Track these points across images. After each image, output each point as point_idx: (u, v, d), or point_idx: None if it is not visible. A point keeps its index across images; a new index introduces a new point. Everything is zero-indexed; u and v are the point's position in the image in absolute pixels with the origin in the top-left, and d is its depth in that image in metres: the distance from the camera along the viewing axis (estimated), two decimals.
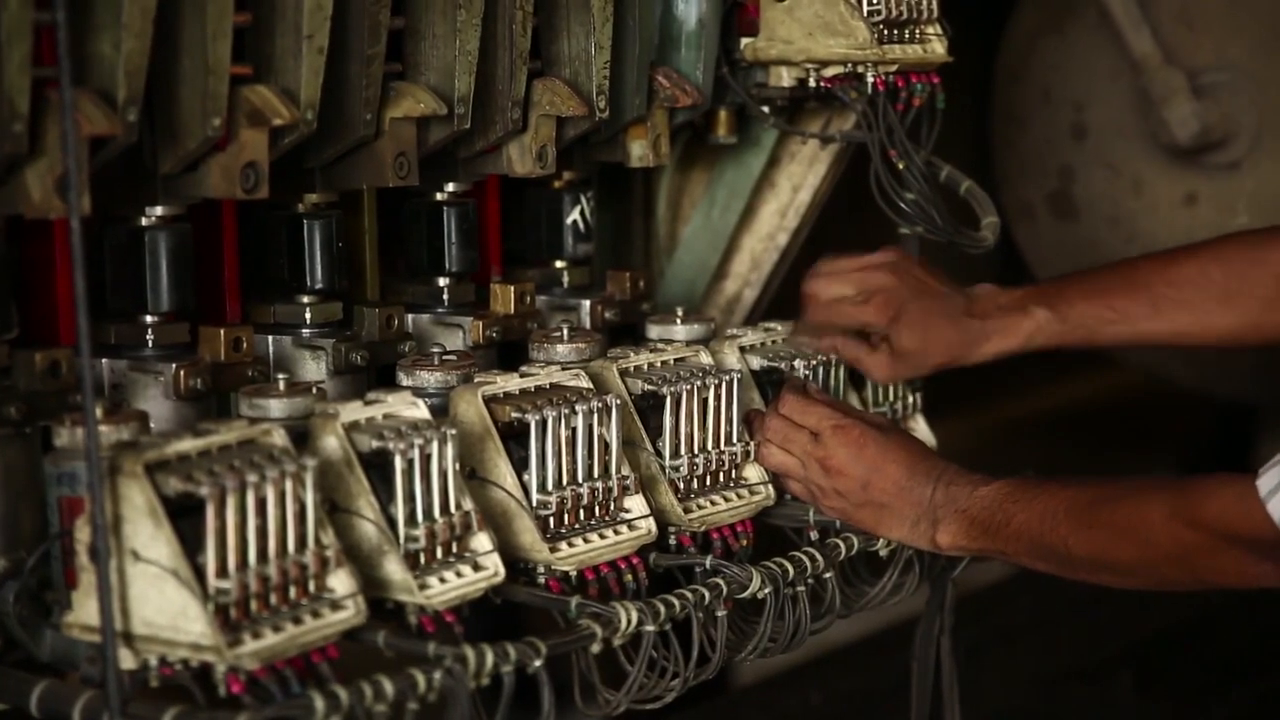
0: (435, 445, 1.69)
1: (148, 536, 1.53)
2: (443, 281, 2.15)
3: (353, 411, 1.71)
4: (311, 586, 1.60)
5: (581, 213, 2.32)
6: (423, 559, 1.68)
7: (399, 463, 1.67)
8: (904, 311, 2.20)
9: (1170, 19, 3.26)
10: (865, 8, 2.23)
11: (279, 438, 1.63)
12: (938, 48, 2.31)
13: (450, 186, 2.13)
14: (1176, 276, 2.20)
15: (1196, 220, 3.27)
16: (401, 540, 1.67)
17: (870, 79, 2.26)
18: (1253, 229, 2.22)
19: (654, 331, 2.17)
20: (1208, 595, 1.92)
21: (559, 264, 2.32)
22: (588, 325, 2.26)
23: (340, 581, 1.61)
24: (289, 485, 1.58)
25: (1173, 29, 3.25)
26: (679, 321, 2.17)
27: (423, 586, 1.67)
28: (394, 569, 1.66)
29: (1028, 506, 1.94)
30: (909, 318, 2.20)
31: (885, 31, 2.24)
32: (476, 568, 1.73)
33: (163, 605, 1.53)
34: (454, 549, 1.71)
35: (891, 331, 2.20)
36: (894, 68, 2.27)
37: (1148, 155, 3.31)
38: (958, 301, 2.23)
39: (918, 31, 2.30)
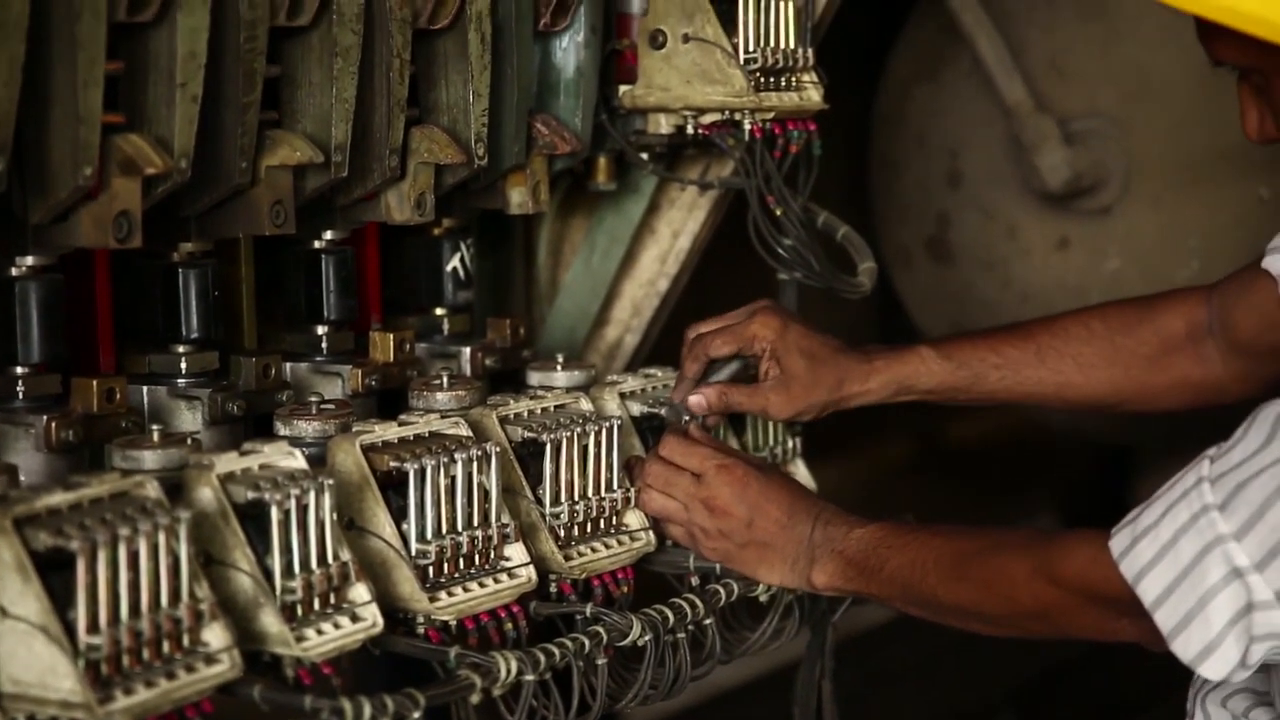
0: (312, 496, 1.68)
1: (16, 592, 1.50)
2: (321, 330, 2.13)
3: (228, 462, 1.69)
4: (185, 640, 1.57)
5: (461, 260, 2.32)
6: (300, 611, 1.67)
7: (275, 514, 1.65)
8: (789, 332, 2.18)
9: (1041, 67, 3.32)
10: (742, 56, 2.25)
11: (152, 490, 1.61)
12: (814, 95, 2.34)
13: (328, 234, 2.12)
14: (1060, 328, 2.23)
15: (1069, 264, 3.33)
16: (278, 592, 1.65)
17: (747, 126, 2.28)
18: (1138, 296, 2.25)
19: (534, 378, 2.17)
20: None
21: (439, 311, 2.31)
22: (468, 372, 2.25)
23: (215, 635, 1.59)
24: (162, 538, 1.55)
25: (1044, 77, 3.31)
26: (559, 368, 2.17)
27: (299, 639, 1.65)
28: (270, 621, 1.64)
29: (900, 552, 1.96)
30: (795, 340, 2.18)
31: (762, 79, 2.27)
32: (355, 619, 1.71)
33: (31, 662, 1.50)
34: (332, 600, 1.70)
35: (779, 350, 2.18)
36: (771, 115, 2.29)
37: (1021, 201, 3.37)
38: (840, 342, 2.24)
39: (794, 79, 2.32)
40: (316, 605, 1.68)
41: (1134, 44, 3.28)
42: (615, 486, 2.04)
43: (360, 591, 1.72)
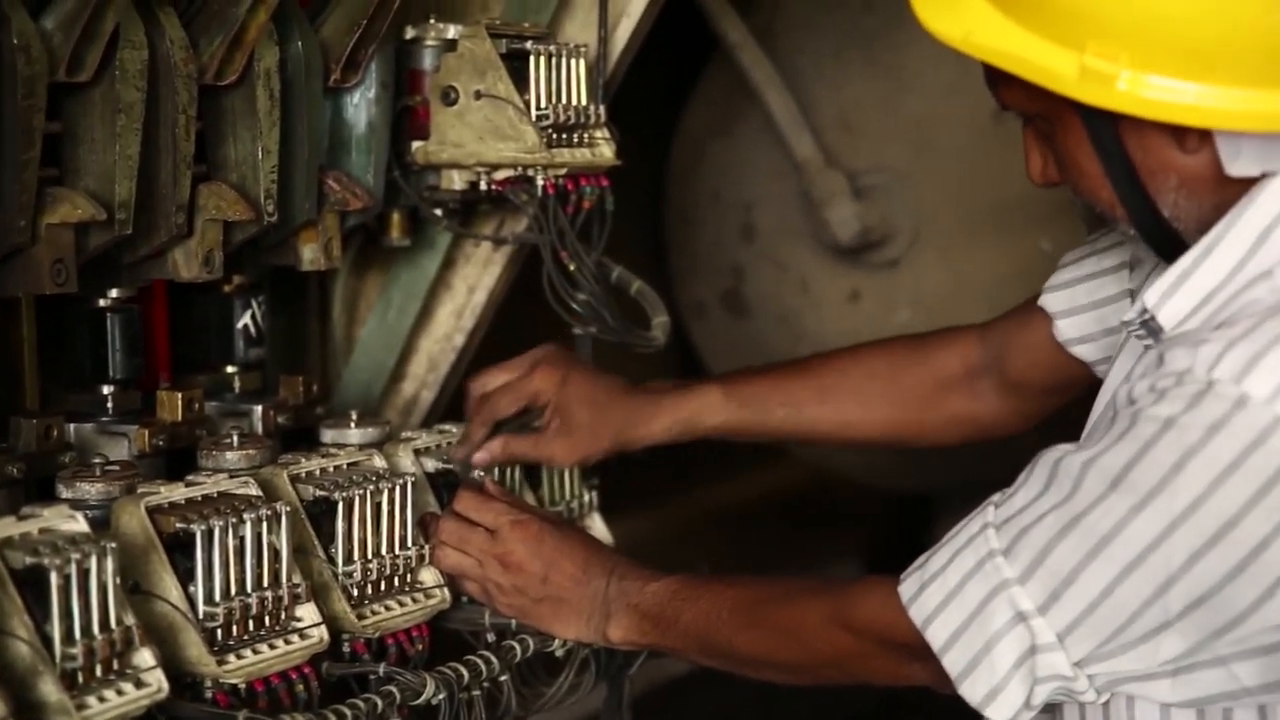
0: (94, 560, 1.64)
1: None
2: (106, 389, 2.09)
3: (6, 527, 1.64)
4: None
5: (253, 317, 2.29)
6: (81, 678, 1.62)
7: (55, 579, 1.61)
8: (572, 380, 2.21)
9: (830, 123, 3.38)
10: (534, 112, 2.26)
11: None
12: (606, 151, 2.36)
13: (114, 292, 2.08)
14: (841, 366, 2.28)
15: (861, 316, 3.39)
16: (58, 659, 1.61)
17: (540, 182, 2.29)
18: (916, 332, 2.31)
19: (328, 436, 2.15)
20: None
21: (230, 369, 2.28)
22: (260, 431, 2.22)
23: None
24: None
25: (833, 133, 3.38)
26: (353, 425, 2.15)
27: (80, 707, 1.61)
28: (49, 690, 1.60)
29: (695, 604, 1.98)
30: (577, 387, 2.21)
31: (554, 136, 2.28)
32: (139, 684, 1.67)
33: None
34: (115, 666, 1.66)
35: (561, 402, 2.21)
36: (563, 171, 2.31)
37: (813, 254, 3.43)
38: (626, 383, 2.26)
39: (586, 136, 2.34)
40: (99, 672, 1.64)
41: (919, 100, 3.37)
42: (409, 544, 2.02)
43: (145, 656, 1.69)
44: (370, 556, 1.98)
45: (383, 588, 2.00)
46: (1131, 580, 1.66)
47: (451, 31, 2.29)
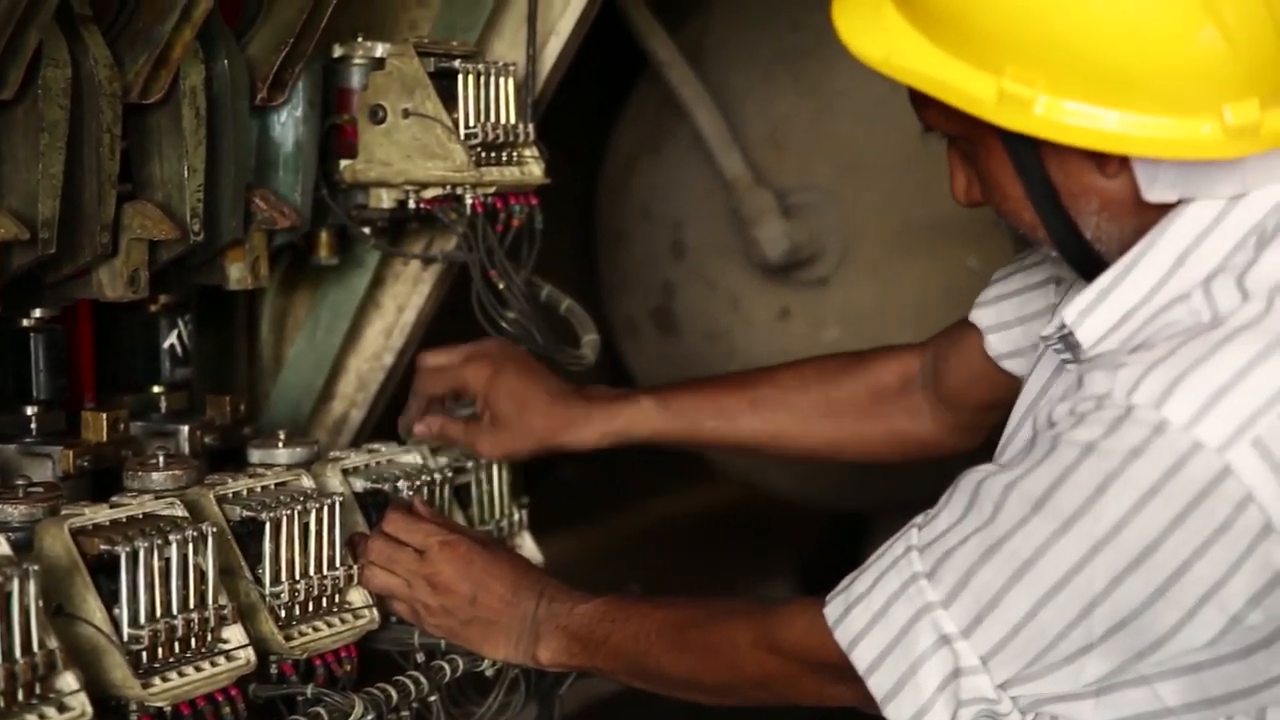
0: (16, 583, 1.62)
1: None
2: (30, 410, 2.07)
3: None
4: None
5: (179, 336, 2.28)
6: (2, 702, 1.61)
7: None
8: (502, 376, 2.26)
9: (759, 141, 3.39)
10: (462, 131, 2.26)
11: None
12: (535, 170, 2.36)
13: (37, 312, 2.07)
14: (775, 379, 2.30)
15: (790, 334, 3.40)
16: None
17: (469, 200, 2.29)
18: (855, 350, 2.33)
19: (256, 456, 2.14)
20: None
21: (156, 389, 2.27)
22: (186, 451, 2.21)
23: None
24: None
25: (762, 151, 3.39)
26: (281, 445, 2.14)
27: None
28: None
29: (623, 625, 1.98)
30: (507, 383, 2.25)
31: (483, 154, 2.28)
32: (62, 709, 1.66)
33: None
34: (37, 690, 1.64)
35: (490, 396, 2.25)
36: (492, 189, 2.31)
37: (743, 272, 3.44)
38: (564, 384, 2.28)
39: (515, 154, 2.34)
40: (21, 696, 1.62)
41: (848, 118, 3.38)
42: (338, 564, 2.02)
43: (68, 680, 1.67)
44: (298, 577, 1.97)
45: (311, 608, 1.99)
46: (1054, 604, 1.67)
47: (379, 50, 2.28)
